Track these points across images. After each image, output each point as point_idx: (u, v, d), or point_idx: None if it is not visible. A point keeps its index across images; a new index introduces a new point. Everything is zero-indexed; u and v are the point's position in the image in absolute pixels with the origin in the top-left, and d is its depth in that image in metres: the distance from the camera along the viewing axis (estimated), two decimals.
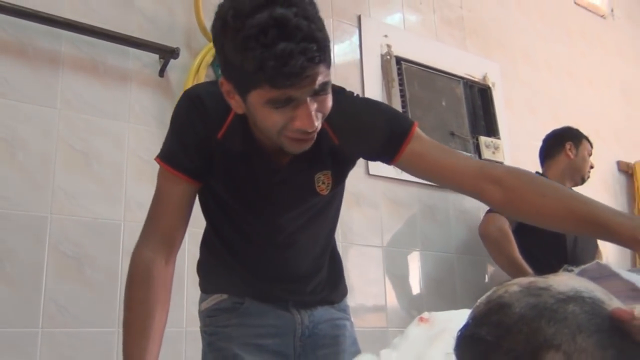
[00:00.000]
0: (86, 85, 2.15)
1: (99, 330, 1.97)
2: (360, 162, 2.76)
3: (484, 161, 1.35)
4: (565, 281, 0.67)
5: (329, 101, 1.05)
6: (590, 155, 3.02)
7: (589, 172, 3.00)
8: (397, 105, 2.95)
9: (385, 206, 2.84)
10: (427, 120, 3.06)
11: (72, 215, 2.02)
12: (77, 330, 1.94)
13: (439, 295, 2.89)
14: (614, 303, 0.65)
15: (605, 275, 0.77)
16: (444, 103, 3.18)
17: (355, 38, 2.98)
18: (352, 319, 2.57)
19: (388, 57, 3.02)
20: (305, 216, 1.28)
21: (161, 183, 1.19)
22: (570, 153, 2.96)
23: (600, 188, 3.77)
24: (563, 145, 2.99)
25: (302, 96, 0.99)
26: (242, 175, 1.20)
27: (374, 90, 2.93)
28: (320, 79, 0.99)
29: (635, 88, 4.45)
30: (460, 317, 0.71)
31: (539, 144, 3.12)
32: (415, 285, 2.84)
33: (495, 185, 1.14)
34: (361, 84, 2.92)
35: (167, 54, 2.28)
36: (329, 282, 1.39)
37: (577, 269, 0.79)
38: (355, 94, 1.25)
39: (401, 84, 3.00)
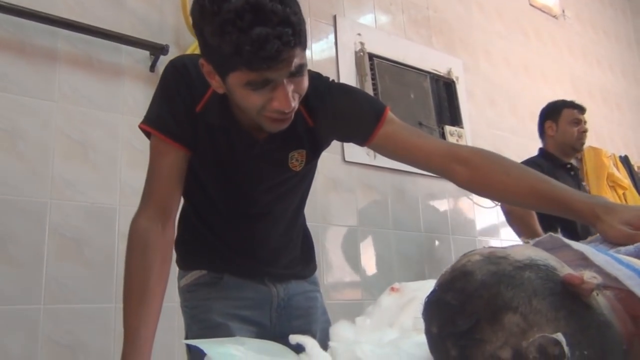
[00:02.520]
0: (82, 80, 2.11)
1: (97, 306, 1.95)
2: (337, 149, 2.77)
3: (452, 142, 1.31)
4: (521, 251, 0.67)
5: (305, 82, 1.02)
6: (578, 121, 2.77)
7: (581, 137, 2.75)
8: None
9: (360, 190, 2.85)
10: (397, 111, 3.00)
11: (70, 201, 1.99)
12: (77, 307, 1.92)
13: (409, 270, 2.91)
14: (565, 270, 0.66)
15: (557, 246, 0.78)
16: (412, 95, 3.19)
17: (331, 36, 2.97)
18: (331, 293, 2.58)
19: (361, 53, 3.01)
20: (277, 190, 1.24)
21: (153, 152, 1.12)
22: (550, 131, 2.82)
23: None
24: (543, 125, 2.87)
25: (279, 78, 0.96)
26: (221, 147, 1.15)
27: (348, 84, 2.92)
28: (296, 61, 0.95)
29: (583, 81, 4.50)
30: (427, 287, 0.71)
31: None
32: (388, 261, 2.85)
33: (462, 165, 1.11)
34: (337, 78, 2.90)
35: (157, 50, 2.24)
36: (302, 259, 1.37)
37: (532, 241, 0.79)
38: (331, 79, 1.22)
39: (373, 78, 3.00)
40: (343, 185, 2.78)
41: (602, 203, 0.96)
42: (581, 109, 2.82)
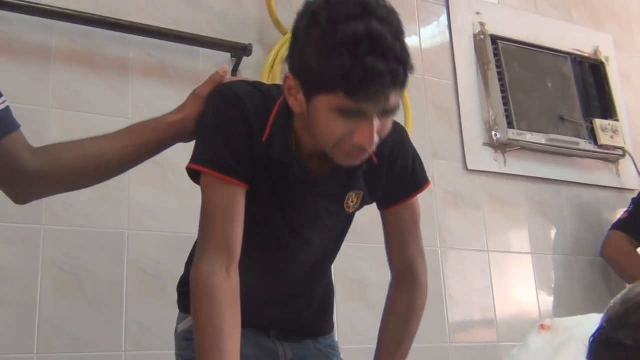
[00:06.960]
0: (157, 92, 2.23)
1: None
2: (457, 156, 2.75)
3: (416, 261, 1.43)
4: None
5: (390, 124, 1.15)
6: None
7: None
8: (495, 89, 2.90)
9: (487, 205, 2.81)
10: (531, 104, 2.99)
11: (148, 230, 2.10)
12: (161, 352, 2.01)
13: (557, 303, 2.84)
14: None
15: None
16: (549, 84, 3.12)
17: (444, 18, 2.96)
18: (457, 335, 2.54)
19: (482, 36, 2.99)
20: (327, 233, 1.36)
21: (208, 192, 1.20)
22: None
23: None
24: None
25: (373, 113, 1.08)
26: (278, 182, 1.24)
27: (467, 75, 2.90)
28: (394, 101, 1.08)
29: None
30: (589, 323, 0.70)
31: None
32: (529, 293, 2.79)
33: (402, 284, 1.41)
34: (452, 68, 2.89)
35: (239, 51, 2.34)
36: (317, 314, 1.46)
37: None
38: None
39: (499, 66, 2.97)
40: (466, 200, 2.76)
41: None
42: None
